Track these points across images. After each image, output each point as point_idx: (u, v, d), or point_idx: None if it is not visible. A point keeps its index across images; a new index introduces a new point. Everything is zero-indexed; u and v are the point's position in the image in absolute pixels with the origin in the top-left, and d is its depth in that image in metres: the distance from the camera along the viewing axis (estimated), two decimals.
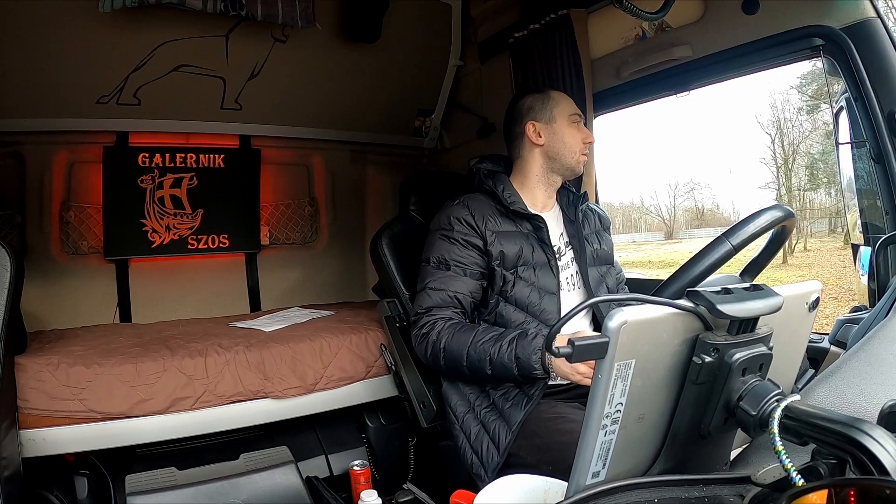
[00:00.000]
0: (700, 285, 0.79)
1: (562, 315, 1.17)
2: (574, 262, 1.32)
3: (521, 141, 1.35)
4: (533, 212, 1.30)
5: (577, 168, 1.35)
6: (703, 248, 0.82)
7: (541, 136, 1.33)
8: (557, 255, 1.30)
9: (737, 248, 0.80)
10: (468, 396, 1.26)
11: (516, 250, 1.24)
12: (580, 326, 1.28)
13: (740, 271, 0.95)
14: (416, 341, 1.25)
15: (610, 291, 1.36)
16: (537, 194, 1.36)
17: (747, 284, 0.55)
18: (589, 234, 1.37)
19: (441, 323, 1.21)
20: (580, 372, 1.03)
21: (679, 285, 0.81)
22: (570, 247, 1.34)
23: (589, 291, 1.29)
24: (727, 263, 0.84)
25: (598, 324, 1.28)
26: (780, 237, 0.87)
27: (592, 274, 1.31)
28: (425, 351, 1.23)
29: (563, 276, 1.29)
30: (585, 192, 1.40)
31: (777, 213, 0.80)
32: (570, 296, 1.29)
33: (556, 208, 1.39)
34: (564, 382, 1.23)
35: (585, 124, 1.42)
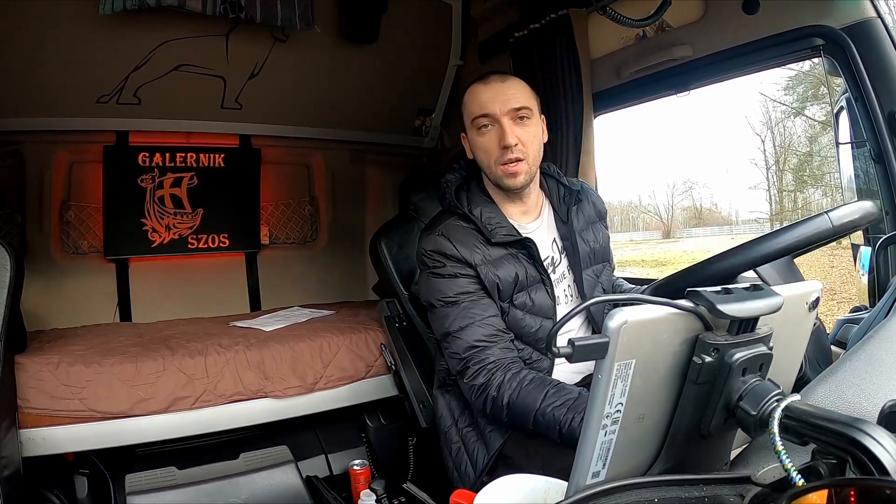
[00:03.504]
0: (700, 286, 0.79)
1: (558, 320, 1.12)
2: (570, 271, 1.21)
3: None
4: (522, 234, 1.14)
5: (504, 182, 1.13)
6: (801, 221, 0.83)
7: (469, 149, 1.17)
8: (552, 267, 1.19)
9: (836, 231, 0.81)
10: (453, 411, 1.22)
11: (512, 276, 1.11)
12: (580, 333, 1.22)
13: None
14: (470, 393, 1.09)
15: (605, 292, 1.25)
16: (507, 207, 1.19)
17: (747, 284, 0.55)
18: (583, 230, 1.23)
19: (500, 374, 1.05)
20: None
21: (768, 248, 0.81)
22: (564, 253, 1.21)
23: (584, 299, 1.19)
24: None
25: (595, 327, 1.21)
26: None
27: (587, 278, 1.20)
28: (483, 406, 1.07)
29: (559, 288, 1.19)
30: (578, 190, 1.24)
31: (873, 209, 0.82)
32: (568, 308, 1.19)
33: (546, 209, 1.24)
34: None
35: (517, 120, 1.11)
